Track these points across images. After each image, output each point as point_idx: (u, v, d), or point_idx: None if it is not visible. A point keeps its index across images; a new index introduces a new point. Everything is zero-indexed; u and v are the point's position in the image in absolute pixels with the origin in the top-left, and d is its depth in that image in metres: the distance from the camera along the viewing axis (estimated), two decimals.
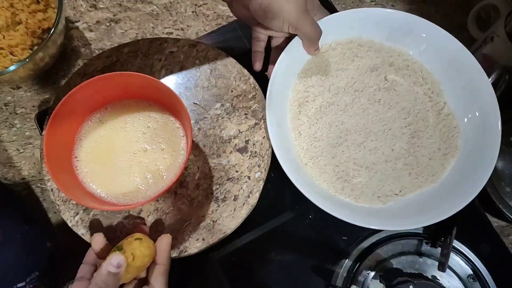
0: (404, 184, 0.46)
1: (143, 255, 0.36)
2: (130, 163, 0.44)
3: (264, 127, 0.48)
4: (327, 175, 0.46)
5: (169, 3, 0.59)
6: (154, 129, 0.45)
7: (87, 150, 0.44)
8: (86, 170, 0.44)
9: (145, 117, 0.46)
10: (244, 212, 0.45)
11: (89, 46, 0.57)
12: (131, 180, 0.44)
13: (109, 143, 0.45)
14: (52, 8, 0.50)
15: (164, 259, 0.39)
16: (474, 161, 0.44)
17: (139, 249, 0.36)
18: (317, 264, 0.47)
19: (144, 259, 0.37)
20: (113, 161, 0.44)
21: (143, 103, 0.46)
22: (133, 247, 0.36)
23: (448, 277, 0.45)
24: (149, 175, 0.44)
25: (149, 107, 0.46)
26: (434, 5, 0.62)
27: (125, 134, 0.45)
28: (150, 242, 0.38)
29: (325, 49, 0.50)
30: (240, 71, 0.50)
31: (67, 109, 0.40)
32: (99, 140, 0.45)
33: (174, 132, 0.45)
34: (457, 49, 0.47)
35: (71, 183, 0.41)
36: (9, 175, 0.52)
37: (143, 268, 0.37)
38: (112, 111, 0.46)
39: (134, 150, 0.45)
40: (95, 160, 0.44)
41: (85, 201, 0.39)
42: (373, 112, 0.48)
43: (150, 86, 0.42)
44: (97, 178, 0.44)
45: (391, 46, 0.50)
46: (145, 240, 0.38)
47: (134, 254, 0.36)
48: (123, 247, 0.37)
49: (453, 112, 0.48)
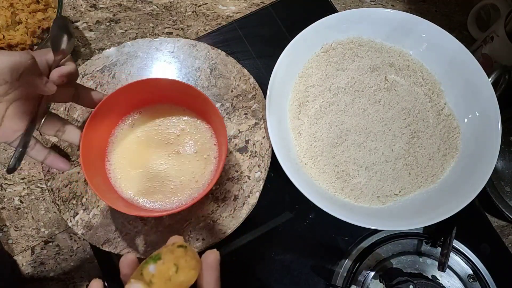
0: (404, 184, 0.46)
1: (189, 266, 0.27)
2: (164, 166, 0.45)
3: (264, 127, 0.48)
4: (327, 175, 0.46)
5: (169, 3, 0.59)
6: (188, 132, 0.46)
7: (120, 154, 0.45)
8: (119, 173, 0.44)
9: (178, 121, 0.46)
10: (244, 212, 0.45)
11: (89, 46, 0.57)
12: (165, 184, 0.44)
13: (142, 146, 0.45)
14: (52, 8, 0.50)
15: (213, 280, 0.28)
16: (474, 161, 0.44)
17: (185, 258, 0.27)
18: (317, 264, 0.47)
19: (190, 272, 0.27)
20: (146, 164, 0.45)
21: (176, 108, 0.47)
22: (177, 256, 0.27)
23: (448, 277, 0.45)
24: (183, 178, 0.44)
25: (183, 112, 0.46)
26: (434, 5, 0.62)
27: (158, 137, 0.46)
28: (196, 254, 0.28)
29: (325, 49, 0.50)
30: (240, 71, 0.50)
31: (102, 113, 0.41)
32: (132, 143, 0.45)
33: (206, 137, 0.46)
34: (457, 49, 0.47)
35: (105, 188, 0.42)
36: (9, 175, 0.52)
37: (187, 285, 0.27)
38: (145, 115, 0.46)
39: (167, 153, 0.45)
40: (128, 164, 0.44)
41: (118, 206, 0.39)
42: (373, 112, 0.48)
43: (184, 92, 0.43)
44: (129, 181, 0.44)
45: (392, 46, 0.50)
46: (191, 250, 0.28)
47: (178, 265, 0.26)
48: (161, 256, 0.27)
49: (453, 113, 0.48)
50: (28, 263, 0.50)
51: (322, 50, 0.50)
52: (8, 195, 0.51)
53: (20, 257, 0.50)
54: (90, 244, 0.45)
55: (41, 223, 0.51)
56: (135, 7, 0.59)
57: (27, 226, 0.51)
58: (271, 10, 0.57)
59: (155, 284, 0.25)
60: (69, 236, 0.51)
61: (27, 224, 0.51)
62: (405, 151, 0.47)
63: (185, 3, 0.59)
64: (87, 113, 0.48)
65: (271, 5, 0.57)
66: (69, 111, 0.48)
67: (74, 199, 0.45)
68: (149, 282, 0.25)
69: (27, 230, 0.51)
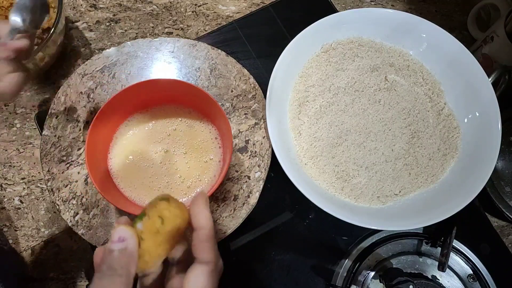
0: (404, 184, 0.46)
1: (173, 215, 0.27)
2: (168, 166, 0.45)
3: (264, 127, 0.48)
4: (326, 175, 0.46)
5: (169, 3, 0.59)
6: (192, 133, 0.46)
7: (123, 154, 0.45)
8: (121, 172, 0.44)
9: (182, 122, 0.47)
10: (244, 212, 0.45)
11: (89, 46, 0.57)
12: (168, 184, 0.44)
13: (145, 146, 0.45)
14: (52, 8, 0.50)
15: (203, 220, 0.28)
16: (474, 161, 0.44)
17: (168, 209, 0.27)
18: (317, 264, 0.47)
19: (175, 220, 0.27)
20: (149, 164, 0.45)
21: (182, 109, 0.47)
22: (160, 209, 0.27)
23: (448, 277, 0.45)
24: (186, 178, 0.44)
25: (189, 114, 0.47)
26: (434, 5, 0.62)
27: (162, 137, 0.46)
28: (180, 203, 0.29)
29: (325, 49, 0.50)
30: (240, 71, 0.50)
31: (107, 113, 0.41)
32: (135, 143, 0.45)
33: (211, 139, 0.46)
34: (457, 49, 0.47)
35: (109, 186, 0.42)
36: (9, 175, 0.52)
37: (177, 233, 0.28)
38: (149, 116, 0.46)
39: (171, 154, 0.45)
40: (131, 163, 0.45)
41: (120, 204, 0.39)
42: (373, 112, 0.48)
43: (190, 94, 0.43)
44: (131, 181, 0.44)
45: (392, 46, 0.50)
46: (173, 200, 0.28)
47: (163, 216, 0.27)
48: (146, 212, 0.27)
49: (453, 113, 0.48)
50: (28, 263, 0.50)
51: (322, 50, 0.50)
52: (8, 195, 0.51)
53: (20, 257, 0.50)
54: (90, 244, 0.45)
55: (41, 223, 0.51)
56: (135, 7, 0.59)
57: (27, 226, 0.51)
58: (271, 10, 0.57)
59: (145, 239, 0.26)
60: (69, 236, 0.51)
61: (27, 224, 0.51)
62: (405, 151, 0.47)
63: (185, 3, 0.59)
64: (87, 113, 0.48)
65: (271, 5, 0.57)
66: (69, 111, 0.48)
67: (74, 199, 0.45)
68: (140, 239, 0.26)
69: (27, 230, 0.51)
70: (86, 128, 0.48)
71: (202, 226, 0.28)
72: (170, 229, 0.27)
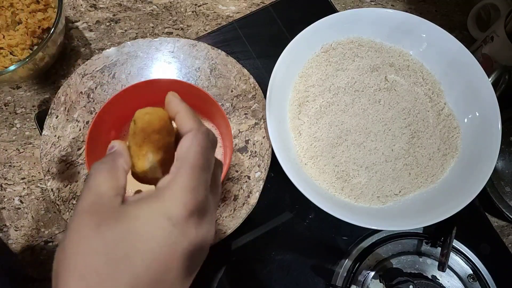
0: (404, 184, 0.46)
1: (143, 113, 0.28)
2: None
3: (264, 127, 0.48)
4: (326, 175, 0.46)
5: (169, 3, 0.59)
6: None
7: None
8: None
9: None
10: (244, 212, 0.45)
11: (89, 46, 0.57)
12: None
13: None
14: (52, 8, 0.50)
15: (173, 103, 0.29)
16: (474, 161, 0.44)
17: (139, 111, 0.28)
18: (317, 264, 0.47)
19: (144, 117, 0.28)
20: None
21: None
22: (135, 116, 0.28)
23: (448, 277, 0.45)
24: None
25: None
26: (434, 5, 0.62)
27: None
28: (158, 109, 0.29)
29: (325, 49, 0.50)
30: (240, 71, 0.50)
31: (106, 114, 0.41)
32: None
33: None
34: (457, 49, 0.47)
35: None
36: (9, 175, 0.52)
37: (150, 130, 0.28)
38: None
39: None
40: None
41: None
42: (373, 112, 0.48)
43: (190, 93, 0.43)
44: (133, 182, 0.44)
45: (392, 46, 0.50)
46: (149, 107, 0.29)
47: (135, 118, 0.28)
48: None
49: (453, 113, 0.48)
50: (28, 263, 0.50)
51: (322, 50, 0.50)
52: (8, 195, 0.51)
53: (20, 257, 0.50)
54: None
55: (41, 223, 0.51)
56: (135, 7, 0.59)
57: (27, 226, 0.51)
58: (271, 10, 0.57)
59: (130, 145, 0.28)
60: None
61: (27, 224, 0.51)
62: (405, 151, 0.47)
63: (185, 3, 0.59)
64: (87, 113, 0.48)
65: (271, 5, 0.57)
66: (69, 111, 0.48)
67: (74, 199, 0.45)
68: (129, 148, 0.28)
69: (27, 230, 0.51)
70: (86, 128, 0.48)
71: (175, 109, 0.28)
72: (142, 126, 0.28)
